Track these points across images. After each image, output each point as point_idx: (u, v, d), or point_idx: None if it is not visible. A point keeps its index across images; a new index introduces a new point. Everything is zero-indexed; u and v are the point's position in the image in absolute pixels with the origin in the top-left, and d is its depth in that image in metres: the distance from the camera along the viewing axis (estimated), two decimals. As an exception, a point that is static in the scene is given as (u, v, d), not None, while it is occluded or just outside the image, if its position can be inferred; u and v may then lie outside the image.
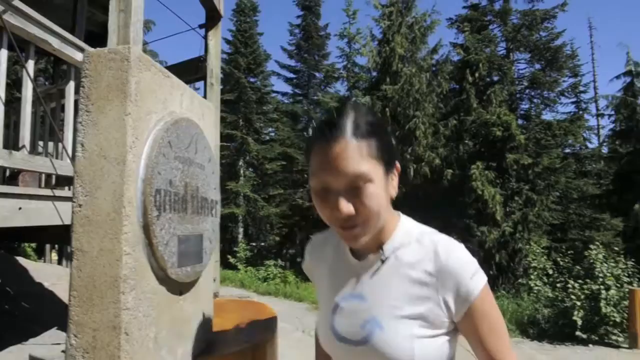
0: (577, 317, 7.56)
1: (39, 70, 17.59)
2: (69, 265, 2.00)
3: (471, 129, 15.17)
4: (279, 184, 21.00)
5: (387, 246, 0.90)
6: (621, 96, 16.51)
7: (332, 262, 0.98)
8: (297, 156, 20.50)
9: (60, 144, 3.22)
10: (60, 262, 9.61)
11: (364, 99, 15.90)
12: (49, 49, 2.88)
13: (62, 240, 4.71)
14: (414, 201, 15.31)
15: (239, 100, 21.05)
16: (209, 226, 1.32)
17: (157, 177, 1.04)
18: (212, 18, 4.04)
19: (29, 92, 2.67)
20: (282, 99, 24.69)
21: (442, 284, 0.84)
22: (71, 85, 3.10)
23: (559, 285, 8.76)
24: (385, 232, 0.91)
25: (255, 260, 17.09)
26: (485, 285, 0.86)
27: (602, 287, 8.17)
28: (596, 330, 7.77)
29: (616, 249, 11.01)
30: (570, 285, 8.12)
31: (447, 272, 0.84)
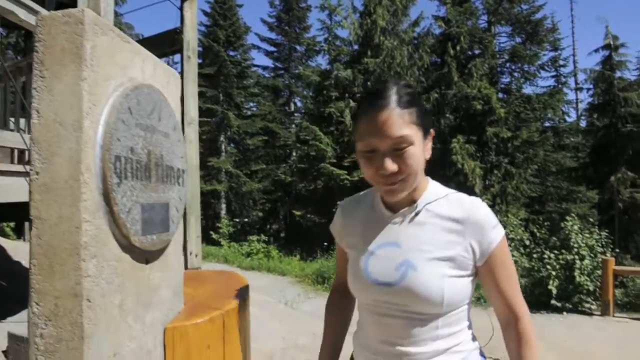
0: (552, 287, 7.81)
1: (9, 44, 16.96)
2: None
3: (452, 102, 15.22)
4: (261, 159, 20.87)
5: (420, 200, 1.05)
6: (599, 70, 16.67)
7: (366, 218, 1.10)
8: (279, 131, 20.36)
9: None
10: (38, 240, 9.47)
11: (345, 73, 15.77)
12: (15, 20, 2.76)
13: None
14: (396, 175, 15.44)
15: (219, 74, 20.66)
16: (175, 195, 1.31)
17: (117, 144, 1.02)
18: (187, -13, 3.93)
19: (-7, 64, 2.58)
20: (263, 72, 24.33)
21: (469, 231, 1.00)
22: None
23: (535, 255, 9.01)
24: (417, 190, 1.06)
25: (238, 236, 17.12)
26: (504, 237, 1.03)
27: (576, 257, 8.43)
28: (570, 299, 8.05)
29: (591, 220, 11.37)
30: (546, 256, 8.36)
31: (473, 222, 1.01)
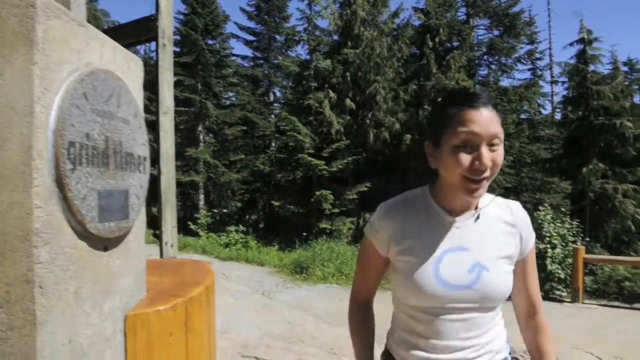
0: (522, 274, 8.02)
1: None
2: None
3: (430, 94, 15.35)
4: (240, 149, 20.70)
5: (480, 204, 1.13)
6: (574, 63, 16.99)
7: (424, 223, 1.11)
8: (258, 121, 20.21)
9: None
10: None
11: (324, 63, 15.74)
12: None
13: None
14: (374, 166, 15.54)
15: (197, 63, 20.34)
16: (135, 182, 1.30)
17: (70, 130, 1.01)
18: (162, -28, 3.83)
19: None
20: (242, 62, 24.05)
21: (518, 232, 1.14)
22: None
23: (508, 244, 9.24)
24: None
25: (217, 227, 17.03)
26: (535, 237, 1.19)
27: (548, 245, 8.66)
28: (542, 287, 8.27)
29: (563, 210, 11.66)
30: (519, 245, 8.57)
31: (521, 223, 1.15)
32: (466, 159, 0.99)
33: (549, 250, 8.57)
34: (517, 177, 16.87)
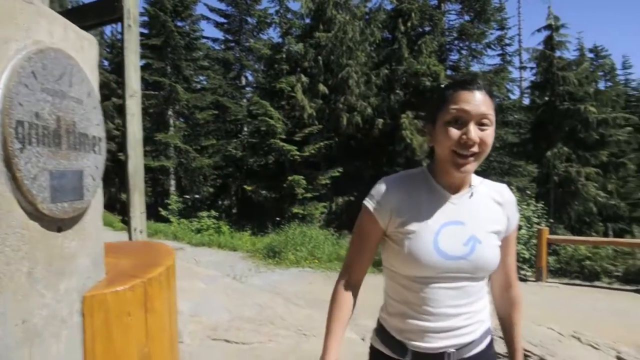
0: (489, 254, 8.27)
1: None
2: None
3: (402, 78, 15.45)
4: (211, 134, 20.42)
5: (473, 184, 1.24)
6: (541, 49, 17.35)
7: (426, 198, 1.19)
8: (229, 105, 19.94)
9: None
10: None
11: (296, 47, 15.60)
12: None
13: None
14: (347, 150, 15.61)
15: (166, 46, 19.86)
16: (90, 163, 1.28)
17: (18, 108, 0.99)
18: (125, -51, 3.70)
19: None
20: (212, 45, 23.59)
21: (506, 210, 1.25)
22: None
23: (476, 226, 9.49)
24: (469, 175, 1.21)
25: (188, 213, 16.86)
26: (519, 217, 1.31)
27: (514, 227, 8.94)
28: (510, 267, 8.59)
29: (528, 192, 12.02)
30: (486, 226, 8.82)
31: (508, 203, 1.26)
32: (455, 133, 1.09)
33: (515, 231, 8.85)
34: (486, 160, 17.18)
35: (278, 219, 13.99)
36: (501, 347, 1.42)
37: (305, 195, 14.39)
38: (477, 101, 1.08)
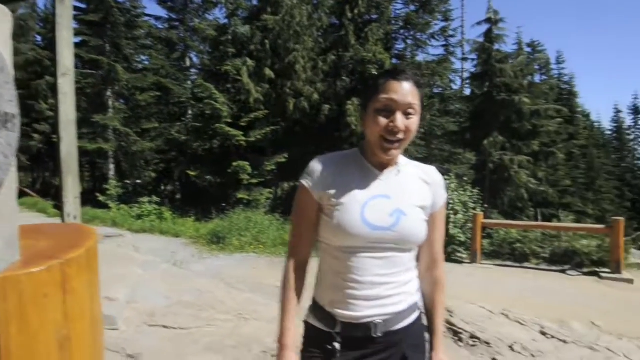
0: (428, 238, 8.57)
1: None
2: None
3: (348, 65, 15.57)
4: (153, 116, 19.66)
5: (400, 163, 1.32)
6: (481, 42, 18.06)
7: (356, 174, 1.27)
8: (173, 87, 19.27)
9: None
10: None
11: (243, 29, 15.29)
12: None
13: None
14: (293, 136, 15.59)
15: (105, 23, 18.82)
16: (2, 140, 1.21)
17: None
18: None
19: None
20: (155, 23, 22.60)
21: (432, 188, 1.32)
22: None
23: (416, 212, 9.83)
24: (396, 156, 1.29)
25: (129, 198, 16.22)
26: (446, 198, 1.38)
27: (451, 212, 9.31)
28: (445, 249, 8.90)
29: (465, 179, 12.58)
30: (425, 212, 9.14)
31: (435, 183, 1.34)
32: (383, 121, 1.18)
33: (452, 216, 9.21)
34: (428, 148, 17.83)
35: (223, 204, 13.80)
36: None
37: (251, 181, 14.27)
38: (405, 92, 1.17)
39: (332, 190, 1.25)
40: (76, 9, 19.30)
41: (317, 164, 1.30)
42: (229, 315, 4.07)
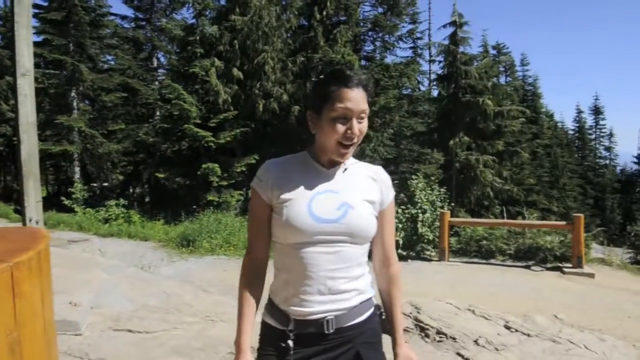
0: (399, 237, 8.68)
1: None
2: None
3: (317, 67, 15.64)
4: (120, 118, 19.18)
5: (347, 162, 1.36)
6: (446, 44, 18.44)
7: (301, 173, 1.32)
8: (140, 88, 18.91)
9: None
10: None
11: (211, 29, 15.15)
12: None
13: None
14: (263, 137, 15.55)
15: (69, 21, 18.25)
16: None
17: None
18: None
19: None
20: (121, 22, 22.12)
21: (379, 185, 1.38)
22: None
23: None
24: None
25: (95, 202, 15.82)
26: (394, 196, 1.44)
27: (419, 211, 9.48)
28: (414, 248, 9.05)
29: (432, 178, 12.82)
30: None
31: (382, 181, 1.39)
32: (341, 128, 1.24)
33: (420, 215, 9.38)
34: (397, 148, 18.11)
35: (193, 206, 13.63)
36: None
37: (221, 183, 14.15)
38: (358, 99, 1.24)
39: (280, 189, 1.29)
40: (37, 6, 18.71)
41: (266, 167, 1.35)
42: (196, 317, 4.06)
